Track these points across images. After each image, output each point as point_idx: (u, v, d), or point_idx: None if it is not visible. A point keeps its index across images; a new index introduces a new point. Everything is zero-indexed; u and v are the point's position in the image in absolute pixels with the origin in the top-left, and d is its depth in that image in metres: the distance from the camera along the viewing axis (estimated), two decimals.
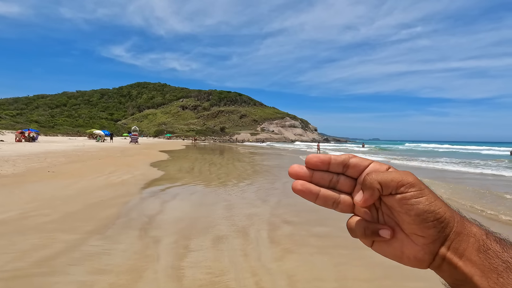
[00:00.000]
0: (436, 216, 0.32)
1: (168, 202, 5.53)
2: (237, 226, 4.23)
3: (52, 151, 16.26)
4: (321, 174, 0.37)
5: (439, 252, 0.33)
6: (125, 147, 25.76)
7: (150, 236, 3.66)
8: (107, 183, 7.14)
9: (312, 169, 0.37)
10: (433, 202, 0.32)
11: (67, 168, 9.39)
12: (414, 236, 0.33)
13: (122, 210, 4.81)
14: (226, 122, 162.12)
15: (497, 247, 0.31)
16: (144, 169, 10.48)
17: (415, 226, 0.33)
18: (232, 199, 6.07)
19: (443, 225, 0.32)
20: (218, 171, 10.80)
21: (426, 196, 0.32)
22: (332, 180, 0.37)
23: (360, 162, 0.36)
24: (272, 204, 5.76)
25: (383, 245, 0.36)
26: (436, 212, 0.32)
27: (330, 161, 0.36)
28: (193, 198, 6.03)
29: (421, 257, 0.34)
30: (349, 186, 0.37)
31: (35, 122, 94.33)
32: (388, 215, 0.36)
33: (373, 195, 0.34)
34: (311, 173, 0.37)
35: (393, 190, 0.33)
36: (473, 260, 0.31)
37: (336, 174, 0.37)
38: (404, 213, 0.33)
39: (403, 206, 0.32)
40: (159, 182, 7.87)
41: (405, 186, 0.32)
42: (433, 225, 0.32)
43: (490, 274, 0.30)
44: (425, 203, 0.32)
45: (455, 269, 0.32)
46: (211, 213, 4.86)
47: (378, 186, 0.33)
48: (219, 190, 7.05)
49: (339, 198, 0.37)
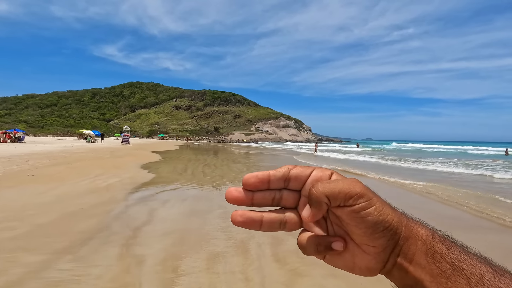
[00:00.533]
0: (385, 225, 0.31)
1: (157, 210, 4.95)
2: (235, 240, 3.69)
3: (37, 152, 15.45)
4: (262, 194, 0.34)
5: (389, 259, 0.32)
6: (115, 148, 24.93)
7: (133, 255, 3.09)
8: (91, 188, 6.51)
9: (251, 191, 0.34)
10: (381, 210, 0.31)
11: (49, 171, 8.70)
12: (365, 246, 0.32)
13: (103, 220, 4.22)
14: (220, 122, 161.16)
15: (443, 248, 0.31)
16: (134, 172, 9.84)
17: (365, 238, 0.31)
18: (228, 205, 5.52)
19: (392, 233, 0.31)
20: (212, 173, 10.23)
21: (375, 206, 0.31)
22: (275, 197, 0.34)
23: (301, 172, 0.34)
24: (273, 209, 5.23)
25: (334, 257, 0.34)
26: (385, 221, 0.31)
27: (269, 178, 0.33)
28: (185, 205, 5.46)
29: (373, 266, 0.33)
30: (294, 200, 0.35)
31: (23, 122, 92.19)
32: (337, 224, 0.34)
33: (321, 210, 0.32)
34: (251, 195, 0.34)
35: (341, 202, 0.31)
36: (422, 264, 0.31)
37: (278, 190, 0.34)
38: (354, 225, 0.31)
39: (353, 219, 0.31)
40: (148, 186, 7.27)
41: (353, 197, 0.31)
42: (383, 234, 0.31)
43: (439, 278, 0.29)
44: (375, 214, 0.30)
45: (406, 274, 0.31)
46: (205, 224, 4.30)
47: (326, 200, 0.31)
48: (213, 195, 6.50)
49: (285, 218, 0.34)
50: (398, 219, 0.32)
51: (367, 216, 0.31)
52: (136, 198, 5.80)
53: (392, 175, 10.62)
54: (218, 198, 6.10)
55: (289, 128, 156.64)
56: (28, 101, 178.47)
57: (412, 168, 14.59)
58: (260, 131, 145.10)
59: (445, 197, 6.81)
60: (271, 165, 14.56)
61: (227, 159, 18.31)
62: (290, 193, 0.35)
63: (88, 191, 6.21)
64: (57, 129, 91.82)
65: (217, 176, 9.51)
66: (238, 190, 0.34)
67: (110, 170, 9.88)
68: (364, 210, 0.31)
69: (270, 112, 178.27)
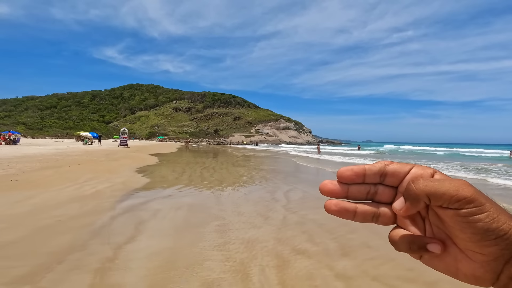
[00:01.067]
0: (499, 233, 0.26)
1: (146, 222, 4.36)
2: (234, 262, 3.10)
3: (29, 155, 14.87)
4: (357, 188, 0.33)
5: (503, 270, 0.28)
6: (112, 151, 24.34)
7: (108, 286, 2.50)
8: (76, 196, 5.93)
9: (346, 184, 0.33)
10: (495, 218, 0.27)
11: (35, 176, 8.12)
12: (471, 253, 0.29)
13: (80, 236, 3.63)
14: (220, 124, 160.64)
15: None
16: (127, 176, 9.25)
17: (471, 244, 0.28)
18: (227, 215, 4.94)
19: (508, 242, 0.27)
20: (210, 178, 9.63)
21: (488, 212, 0.27)
22: (370, 191, 0.33)
23: (399, 168, 0.32)
24: (276, 222, 4.65)
25: (433, 259, 0.31)
26: (499, 229, 0.26)
27: (365, 172, 0.32)
28: (179, 215, 4.87)
29: (481, 275, 0.28)
30: (389, 196, 0.33)
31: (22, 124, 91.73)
32: (438, 226, 0.31)
33: (417, 206, 0.30)
34: (346, 188, 0.33)
35: (444, 204, 0.28)
36: None
37: (373, 185, 0.33)
38: (458, 229, 0.28)
39: (458, 223, 0.28)
40: (140, 192, 6.68)
41: (461, 202, 0.27)
42: (495, 243, 0.27)
43: None
44: (486, 221, 0.27)
45: None
46: (200, 240, 3.71)
47: (425, 199, 0.28)
48: (211, 202, 5.91)
49: (379, 211, 0.33)
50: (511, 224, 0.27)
51: (476, 222, 0.27)
52: (125, 207, 5.21)
53: None
54: (215, 207, 5.51)
55: (289, 130, 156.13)
56: (28, 103, 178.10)
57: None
58: (260, 133, 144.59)
59: None
60: (273, 168, 13.99)
61: (226, 161, 17.73)
62: (386, 189, 0.33)
63: (71, 199, 5.62)
64: (56, 131, 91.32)
65: (216, 181, 8.92)
66: (333, 183, 0.33)
67: (102, 174, 9.29)
68: (473, 216, 0.27)
69: (270, 114, 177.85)
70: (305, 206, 5.91)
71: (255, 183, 8.85)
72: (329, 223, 4.65)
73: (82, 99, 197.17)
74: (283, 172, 12.67)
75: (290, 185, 8.64)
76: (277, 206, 5.81)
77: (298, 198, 6.72)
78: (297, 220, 4.80)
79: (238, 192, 7.24)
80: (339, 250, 3.55)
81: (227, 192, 7.17)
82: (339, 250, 3.57)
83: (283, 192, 7.39)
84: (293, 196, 6.86)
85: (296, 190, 7.70)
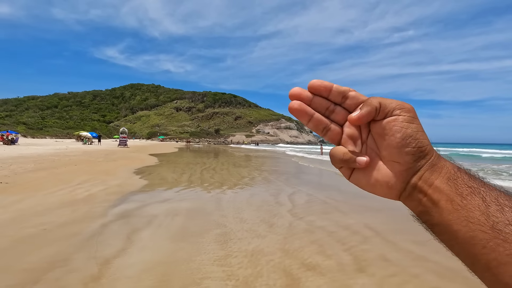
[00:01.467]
0: (418, 144, 0.33)
1: (139, 231, 3.98)
2: (237, 280, 2.71)
3: (25, 156, 14.52)
4: (320, 100, 0.38)
5: (411, 181, 0.34)
6: (111, 151, 23.99)
7: None
8: (67, 200, 5.55)
9: (313, 94, 0.37)
10: (420, 131, 0.34)
11: (27, 178, 7.75)
12: (391, 163, 0.35)
13: (64, 249, 3.25)
14: (221, 124, 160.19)
15: (465, 176, 0.33)
16: (124, 178, 8.88)
17: (395, 150, 0.34)
18: (228, 222, 4.55)
19: (421, 155, 0.34)
20: (211, 179, 9.25)
21: (416, 124, 0.34)
22: (329, 108, 0.38)
23: (358, 95, 0.37)
24: (282, 230, 4.26)
25: (359, 175, 0.37)
26: (419, 140, 0.34)
27: (332, 88, 0.37)
28: (176, 223, 4.49)
29: (393, 184, 0.35)
30: (343, 118, 0.38)
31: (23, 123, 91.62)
32: (371, 147, 0.37)
33: (369, 113, 0.35)
34: (312, 97, 0.37)
35: (389, 111, 0.34)
36: (442, 187, 0.33)
37: (333, 104, 0.38)
38: (391, 134, 0.34)
39: (393, 127, 0.34)
40: (136, 196, 6.30)
41: (402, 109, 0.34)
42: (413, 151, 0.33)
43: (455, 197, 0.31)
44: (414, 129, 0.34)
45: (424, 196, 0.33)
46: (198, 252, 3.33)
47: (377, 105, 0.35)
48: (211, 207, 5.52)
49: (330, 125, 0.38)
50: (430, 148, 0.34)
51: (406, 128, 0.34)
52: (118, 213, 4.83)
53: None
54: (216, 213, 5.13)
55: (290, 129, 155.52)
56: (29, 103, 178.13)
57: None
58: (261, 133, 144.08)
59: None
60: (275, 169, 13.59)
61: (227, 162, 17.35)
62: (342, 111, 0.38)
63: (61, 203, 5.24)
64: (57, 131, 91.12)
65: (216, 183, 8.54)
66: (302, 89, 0.38)
67: (98, 176, 8.91)
68: (408, 122, 0.34)
69: (271, 114, 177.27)
70: (311, 211, 5.52)
71: (257, 185, 8.46)
72: (339, 231, 4.26)
73: (83, 99, 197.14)
74: (286, 173, 12.28)
75: (293, 187, 8.25)
76: (281, 211, 5.42)
77: (303, 202, 6.33)
78: (305, 228, 4.41)
79: (240, 195, 6.86)
80: (354, 265, 3.16)
81: (228, 195, 6.79)
82: (354, 264, 3.18)
83: (287, 195, 7.00)
84: (298, 200, 6.47)
85: (300, 193, 7.31)
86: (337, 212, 5.49)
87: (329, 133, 0.38)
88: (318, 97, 0.38)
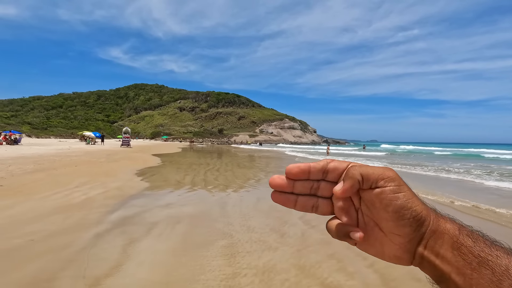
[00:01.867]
0: (413, 213, 0.32)
1: (137, 242, 3.58)
2: None
3: (26, 156, 14.25)
4: (302, 183, 0.37)
5: (417, 251, 0.34)
6: (114, 151, 23.73)
7: None
8: (61, 205, 5.18)
9: (292, 180, 0.37)
10: (410, 199, 0.33)
11: (23, 180, 7.41)
12: (392, 235, 0.34)
13: (50, 265, 2.86)
14: (224, 123, 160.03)
15: (469, 241, 0.31)
16: (125, 180, 8.52)
17: (392, 224, 0.33)
18: (234, 232, 4.14)
19: (419, 224, 0.32)
20: (215, 181, 8.85)
21: (404, 192, 0.33)
22: (313, 186, 0.37)
23: (338, 165, 0.37)
24: (295, 241, 3.85)
25: (365, 245, 0.36)
26: (413, 209, 0.32)
27: (310, 169, 0.37)
28: (177, 232, 4.09)
29: (401, 255, 0.34)
30: (330, 191, 0.37)
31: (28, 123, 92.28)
32: (368, 215, 0.36)
33: (353, 186, 0.34)
34: (293, 183, 0.37)
35: (373, 183, 0.33)
36: (448, 257, 0.31)
37: (316, 181, 0.37)
38: (382, 208, 0.33)
39: (382, 201, 0.33)
40: (136, 200, 5.92)
41: (385, 180, 0.33)
42: (409, 223, 0.32)
43: (465, 270, 0.30)
44: (403, 199, 0.32)
45: (434, 267, 0.32)
46: (202, 270, 2.92)
47: (359, 178, 0.34)
48: (215, 213, 5.12)
49: (318, 202, 0.38)
50: (426, 212, 0.33)
51: (395, 200, 0.32)
52: (115, 221, 4.45)
53: (441, 191, 9.13)
54: (221, 219, 4.72)
55: (294, 129, 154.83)
56: (34, 103, 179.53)
57: (443, 178, 13.02)
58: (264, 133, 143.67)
59: None
60: (281, 171, 13.15)
61: (231, 162, 16.95)
62: (327, 184, 0.37)
63: (55, 209, 4.87)
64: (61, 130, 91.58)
65: (221, 185, 8.14)
66: (281, 178, 0.37)
67: (98, 177, 8.56)
68: (394, 193, 0.32)
69: (274, 114, 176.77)
70: (324, 217, 5.08)
71: (263, 188, 8.04)
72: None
73: (88, 99, 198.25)
74: None
75: None
76: (292, 217, 5.00)
77: None
78: (320, 238, 3.99)
79: (246, 199, 6.44)
80: (382, 286, 2.73)
81: (233, 199, 6.38)
82: (381, 285, 2.75)
83: None
84: None
85: None
86: None
87: (320, 208, 0.38)
88: (299, 181, 0.37)
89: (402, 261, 0.35)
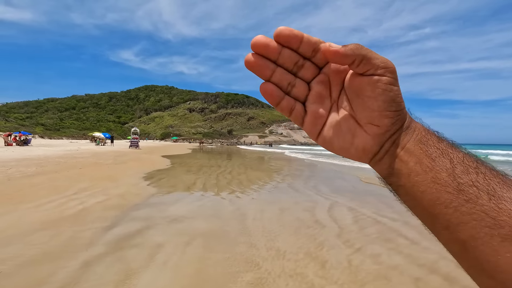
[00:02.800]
0: (398, 107, 0.32)
1: (135, 276, 2.71)
2: None
3: (31, 157, 13.74)
4: (289, 53, 0.32)
5: (385, 145, 0.33)
6: (122, 152, 23.21)
7: None
8: (52, 217, 4.38)
9: (281, 45, 0.32)
10: (399, 94, 0.32)
11: (20, 185, 6.70)
12: (369, 126, 0.33)
13: None
14: (234, 124, 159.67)
15: (435, 138, 0.33)
16: (129, 185, 7.73)
17: (376, 114, 0.32)
18: (261, 259, 3.23)
19: (399, 118, 0.32)
20: (229, 187, 7.97)
21: (398, 87, 0.32)
22: (298, 63, 0.33)
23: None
24: (342, 274, 2.91)
25: (331, 136, 0.35)
26: (399, 104, 0.32)
27: (302, 38, 0.32)
28: (188, 258, 3.20)
29: (369, 148, 0.34)
30: (312, 74, 0.34)
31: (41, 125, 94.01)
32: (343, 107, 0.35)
33: (353, 54, 0.30)
34: (280, 48, 0.32)
35: (373, 68, 0.31)
36: (413, 149, 0.32)
37: (302, 58, 0.33)
38: (373, 97, 0.32)
39: (375, 89, 0.31)
40: (140, 211, 5.08)
41: (387, 69, 0.31)
42: (392, 115, 0.32)
43: (424, 159, 0.31)
44: (396, 92, 0.32)
45: (394, 159, 0.33)
46: None
47: (360, 57, 0.30)
48: (233, 230, 4.22)
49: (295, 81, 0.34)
50: (406, 111, 0.34)
51: (390, 91, 0.31)
52: (111, 241, 3.60)
53: None
54: (241, 239, 3.82)
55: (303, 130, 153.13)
56: (48, 105, 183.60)
57: None
58: (274, 134, 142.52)
59: None
60: (297, 174, 12.20)
61: (243, 165, 16.07)
62: (312, 65, 0.34)
63: (42, 224, 4.06)
64: (73, 132, 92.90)
65: (236, 192, 7.24)
66: (267, 38, 0.32)
67: (100, 182, 7.80)
68: (390, 85, 0.31)
69: None
70: (367, 236, 4.13)
71: (283, 194, 7.11)
72: (426, 277, 2.86)
73: (99, 101, 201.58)
74: (310, 178, 10.84)
75: (327, 197, 6.86)
76: (328, 236, 4.06)
77: (350, 221, 4.93)
78: (373, 269, 3.03)
79: (267, 210, 5.52)
80: None
81: (252, 210, 5.47)
82: None
83: (325, 209, 5.62)
84: (342, 218, 5.09)
85: (339, 207, 5.92)
86: (402, 239, 4.07)
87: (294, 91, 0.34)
88: (286, 49, 0.32)
89: (366, 156, 0.34)
